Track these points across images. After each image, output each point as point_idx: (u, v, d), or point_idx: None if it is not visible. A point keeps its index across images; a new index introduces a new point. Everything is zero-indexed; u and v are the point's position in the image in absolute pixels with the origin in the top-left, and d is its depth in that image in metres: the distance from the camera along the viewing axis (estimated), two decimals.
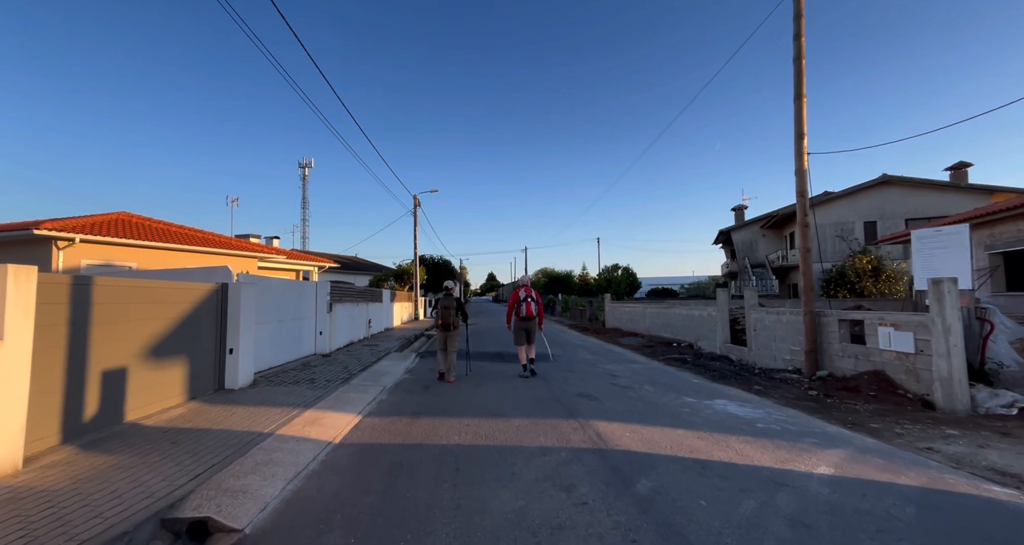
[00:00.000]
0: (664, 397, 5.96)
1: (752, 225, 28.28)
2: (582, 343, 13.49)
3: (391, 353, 10.48)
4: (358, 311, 12.91)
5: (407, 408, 5.44)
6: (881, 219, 21.58)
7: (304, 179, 53.90)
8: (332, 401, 5.66)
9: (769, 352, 8.75)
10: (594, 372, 8.06)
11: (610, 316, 20.28)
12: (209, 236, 16.97)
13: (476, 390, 6.47)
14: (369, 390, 6.42)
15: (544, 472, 3.35)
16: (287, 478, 3.30)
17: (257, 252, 17.56)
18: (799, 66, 7.63)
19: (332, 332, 10.43)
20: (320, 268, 22.94)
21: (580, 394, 6.10)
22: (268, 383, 6.67)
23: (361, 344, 12.15)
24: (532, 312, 7.44)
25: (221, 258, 15.59)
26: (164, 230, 15.57)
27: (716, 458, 3.60)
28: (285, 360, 8.39)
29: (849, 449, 3.86)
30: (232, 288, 6.30)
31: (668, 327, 13.99)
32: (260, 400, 5.58)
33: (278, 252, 19.23)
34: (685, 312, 12.71)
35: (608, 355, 10.66)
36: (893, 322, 5.99)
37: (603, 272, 38.88)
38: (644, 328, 16.07)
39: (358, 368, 8.25)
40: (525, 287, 7.67)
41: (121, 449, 3.70)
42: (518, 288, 7.71)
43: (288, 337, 8.55)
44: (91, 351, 4.08)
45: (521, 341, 7.52)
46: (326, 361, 9.04)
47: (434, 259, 34.41)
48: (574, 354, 10.77)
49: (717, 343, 10.77)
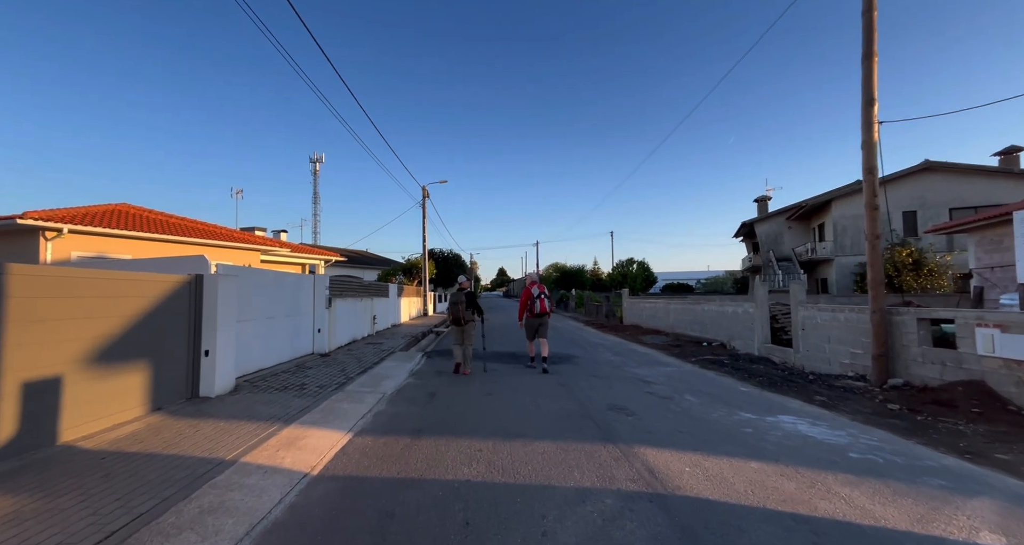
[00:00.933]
0: (714, 411, 4.97)
1: (777, 217, 26.85)
2: (601, 341, 12.50)
3: (395, 352, 9.62)
4: (361, 307, 12.09)
5: (407, 423, 4.54)
6: (922, 208, 20.08)
7: (315, 174, 53.91)
8: (320, 413, 4.79)
9: (821, 355, 7.68)
10: (622, 377, 7.09)
11: (628, 312, 19.22)
12: (211, 228, 16.31)
13: (489, 399, 5.56)
14: (365, 399, 5.54)
15: (587, 533, 2.41)
16: (235, 538, 2.41)
17: (260, 245, 16.89)
18: (869, 19, 6.48)
19: (332, 329, 9.61)
20: (327, 262, 22.26)
21: (612, 407, 5.14)
22: (252, 389, 5.84)
23: (364, 342, 11.33)
24: (546, 309, 7.46)
25: (221, 251, 14.93)
26: (163, 221, 14.94)
27: (823, 513, 2.61)
28: (277, 361, 7.58)
29: (996, 497, 2.85)
30: (208, 281, 5.46)
31: (696, 324, 12.92)
32: (236, 412, 4.73)
33: (282, 245, 18.54)
34: (716, 308, 11.63)
35: (633, 356, 9.66)
36: (998, 323, 4.90)
37: (617, 266, 37.70)
38: (667, 325, 15.00)
39: (357, 370, 7.39)
40: (537, 284, 7.68)
41: (31, 487, 2.85)
42: (529, 285, 7.72)
43: (281, 336, 7.72)
44: (4, 357, 3.23)
45: (532, 336, 7.64)
46: (323, 362, 8.21)
47: (444, 253, 33.55)
48: (595, 354, 9.80)
49: (755, 343, 9.70)
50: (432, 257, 30.39)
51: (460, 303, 7.10)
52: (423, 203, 23.32)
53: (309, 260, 21.04)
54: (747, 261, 29.47)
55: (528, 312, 7.55)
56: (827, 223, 22.87)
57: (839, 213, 21.51)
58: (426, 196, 23.39)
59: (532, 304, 7.45)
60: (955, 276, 19.12)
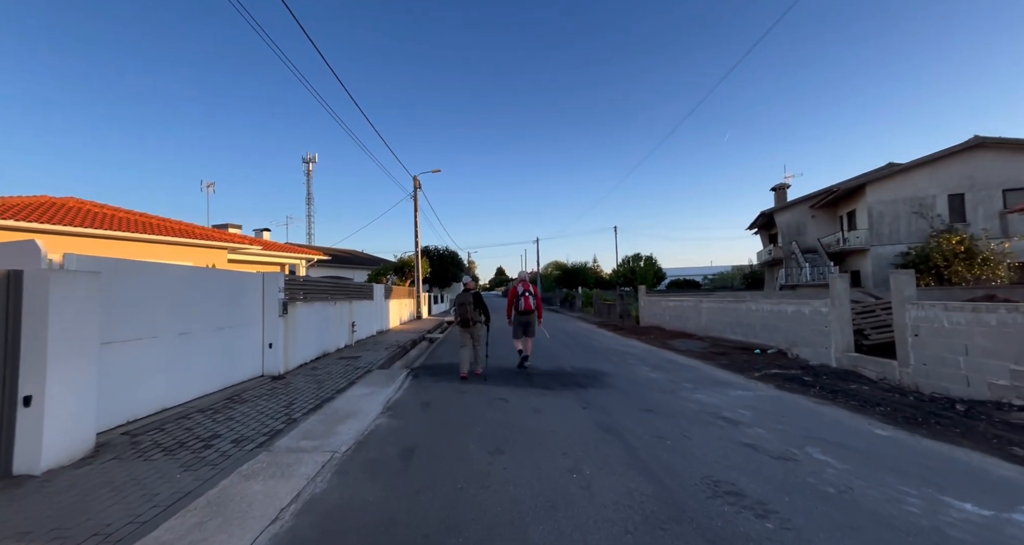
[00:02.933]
0: (889, 492, 2.86)
1: (799, 205, 24.80)
2: (627, 349, 10.39)
3: (372, 371, 7.48)
4: (335, 312, 9.93)
5: (357, 536, 2.41)
6: (971, 191, 18.03)
7: (308, 175, 52.96)
8: (196, 517, 2.65)
9: (949, 371, 5.58)
10: (688, 411, 4.97)
11: (645, 312, 17.10)
12: (165, 223, 14.13)
13: (502, 463, 3.42)
14: (298, 468, 3.40)
15: None
16: None
17: (226, 242, 14.72)
18: None
19: (289, 343, 7.45)
20: (308, 261, 20.09)
21: (714, 485, 3.00)
22: (124, 450, 3.69)
23: (336, 356, 9.18)
24: (531, 306, 7.59)
25: (176, 249, 12.77)
26: (111, 216, 12.74)
27: None
28: (198, 393, 5.43)
29: None
30: (32, 281, 3.31)
31: (738, 327, 10.81)
32: (40, 516, 2.59)
33: (253, 242, 16.33)
34: (770, 307, 9.51)
35: (678, 371, 7.54)
36: None
37: (624, 262, 35.64)
38: (698, 327, 12.89)
39: (310, 404, 5.25)
40: (523, 282, 7.78)
41: None
42: (516, 284, 7.88)
43: (204, 357, 5.58)
44: None
45: (518, 335, 7.72)
46: (270, 390, 6.07)
47: (439, 251, 31.27)
48: (629, 369, 7.68)
49: (831, 352, 7.61)
50: (427, 255, 28.23)
51: (468, 304, 7.00)
52: (414, 194, 21.16)
53: (287, 259, 18.87)
54: (767, 254, 27.41)
55: (515, 309, 7.73)
56: (859, 210, 20.82)
57: (875, 198, 19.45)
58: (418, 187, 21.22)
59: (517, 302, 7.63)
60: (1012, 265, 17.11)
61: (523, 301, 7.57)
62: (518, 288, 7.71)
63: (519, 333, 7.66)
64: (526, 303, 7.56)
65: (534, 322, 7.62)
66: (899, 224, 19.15)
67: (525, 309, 7.56)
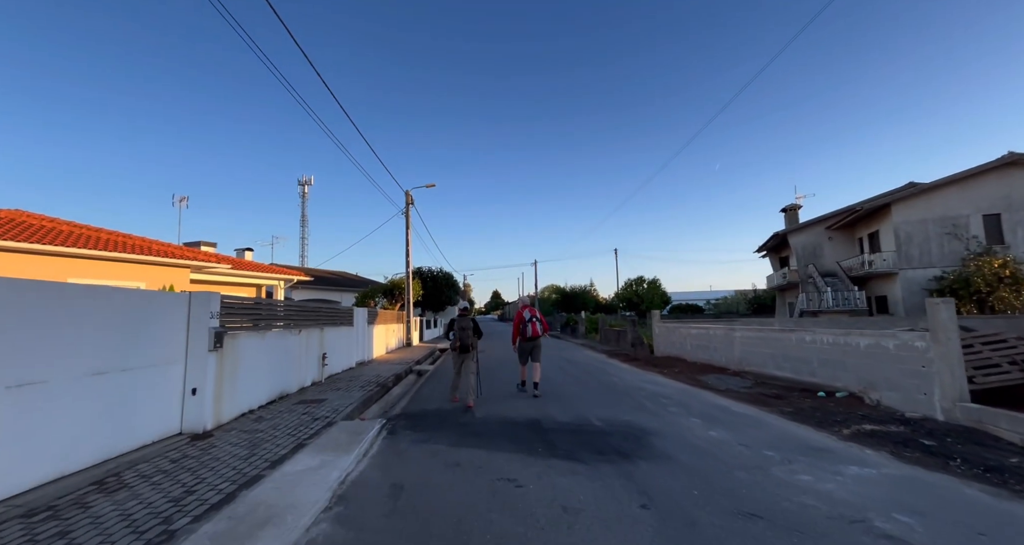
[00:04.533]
0: None
1: (815, 226, 23.51)
2: (656, 388, 8.55)
3: (335, 423, 5.59)
4: (298, 343, 8.06)
5: None
6: (1007, 211, 16.76)
7: (303, 197, 52.76)
8: None
9: None
10: (812, 516, 3.15)
11: (661, 340, 15.28)
12: (118, 238, 12.36)
13: None
14: None
15: None
16: None
17: (188, 259, 12.94)
18: None
19: (224, 387, 5.59)
20: (287, 282, 18.26)
21: None
22: None
23: (297, 398, 7.27)
24: (538, 332, 7.41)
25: (126, 267, 10.98)
26: (55, 231, 10.99)
27: None
28: (42, 478, 3.54)
29: None
30: None
31: (786, 361, 9.04)
32: None
33: (221, 260, 14.51)
34: (832, 339, 7.78)
35: (742, 426, 5.71)
36: None
37: (627, 286, 34.04)
38: (730, 360, 11.10)
39: (218, 493, 3.38)
40: (529, 308, 7.61)
41: None
42: (522, 309, 7.66)
43: (65, 416, 3.72)
44: None
45: (525, 361, 7.58)
46: (173, 463, 4.18)
47: (433, 272, 29.40)
48: (674, 421, 5.84)
49: (935, 400, 5.85)
50: (419, 276, 26.46)
51: (468, 329, 6.96)
52: (406, 210, 19.60)
53: (262, 280, 17.02)
54: (780, 277, 25.88)
55: (520, 336, 7.53)
56: (883, 231, 19.49)
57: (902, 218, 18.13)
58: (410, 203, 19.70)
59: (524, 328, 7.45)
60: None
61: (530, 327, 7.40)
62: (523, 314, 7.48)
63: (526, 359, 7.52)
64: (533, 329, 7.39)
65: (541, 348, 7.51)
66: (930, 246, 17.76)
67: (532, 335, 7.40)
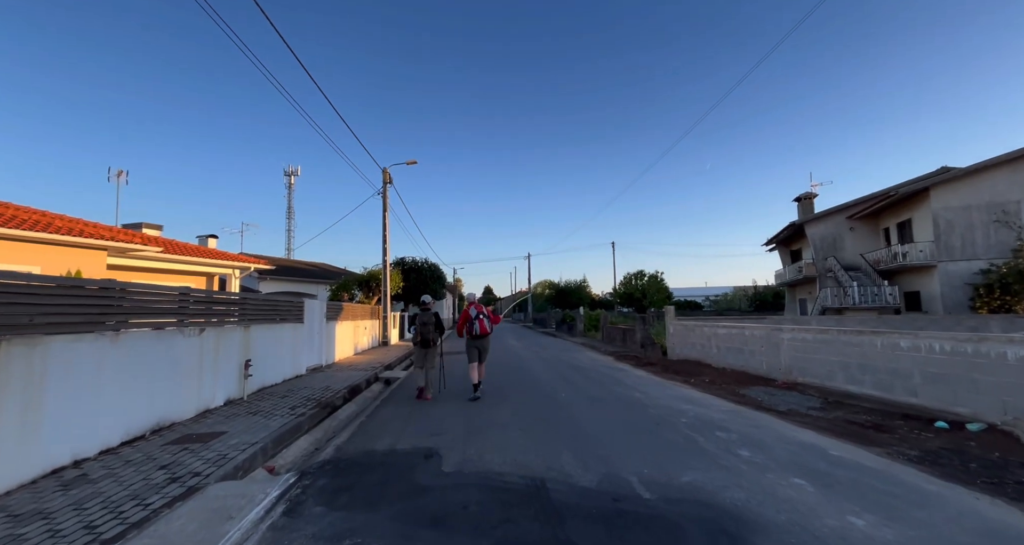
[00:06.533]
0: None
1: (835, 215, 21.53)
2: (698, 410, 6.29)
3: (201, 490, 3.21)
4: (191, 347, 5.63)
5: None
6: None
7: (290, 188, 49.50)
8: None
9: None
10: None
11: (676, 340, 13.07)
12: (9, 211, 9.75)
13: None
14: None
15: None
16: None
17: (102, 239, 10.38)
18: None
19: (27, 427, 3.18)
20: (243, 271, 15.68)
21: None
22: None
23: (180, 432, 4.87)
24: (486, 330, 7.32)
25: (13, 247, 8.44)
26: None
27: None
28: None
29: None
30: None
31: (865, 373, 6.83)
32: None
33: (148, 241, 11.86)
34: (951, 347, 5.56)
35: (873, 494, 3.44)
36: None
37: (626, 280, 31.88)
38: (774, 367, 8.91)
39: None
40: (475, 304, 7.42)
41: None
42: (468, 306, 7.48)
43: None
44: None
45: (473, 359, 7.35)
46: None
47: (417, 263, 26.86)
48: (766, 482, 3.53)
49: None
50: (401, 266, 23.98)
51: (429, 324, 7.27)
52: (383, 190, 17.14)
53: (211, 268, 14.46)
54: (795, 271, 23.88)
55: (468, 334, 7.37)
56: (917, 219, 17.51)
57: (941, 204, 16.15)
58: (388, 181, 17.24)
59: (471, 326, 7.29)
60: None
61: (477, 325, 7.27)
62: (470, 311, 7.34)
63: (474, 357, 7.36)
64: (481, 327, 7.26)
65: (489, 347, 7.49)
66: (974, 235, 15.81)
67: (480, 333, 7.27)
